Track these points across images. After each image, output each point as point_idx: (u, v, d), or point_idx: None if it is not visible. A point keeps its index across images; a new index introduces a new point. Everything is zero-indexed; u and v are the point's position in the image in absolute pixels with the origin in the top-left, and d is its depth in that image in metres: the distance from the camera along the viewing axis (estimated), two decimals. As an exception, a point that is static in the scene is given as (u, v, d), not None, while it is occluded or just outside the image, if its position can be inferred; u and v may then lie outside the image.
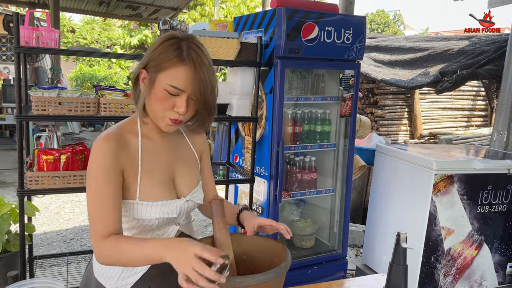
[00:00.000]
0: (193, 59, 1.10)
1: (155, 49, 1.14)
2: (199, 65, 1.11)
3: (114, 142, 1.15)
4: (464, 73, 4.14)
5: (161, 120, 1.16)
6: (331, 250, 3.01)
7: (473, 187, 2.63)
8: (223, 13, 13.50)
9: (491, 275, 2.81)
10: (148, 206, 1.19)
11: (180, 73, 1.10)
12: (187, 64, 1.10)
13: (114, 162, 1.13)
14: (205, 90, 1.12)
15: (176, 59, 1.10)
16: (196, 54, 1.11)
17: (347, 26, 2.63)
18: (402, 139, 7.04)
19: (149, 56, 1.15)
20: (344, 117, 2.85)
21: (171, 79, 1.10)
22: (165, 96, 1.12)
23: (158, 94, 1.12)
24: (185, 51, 1.11)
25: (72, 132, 10.13)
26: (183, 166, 1.30)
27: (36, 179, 2.25)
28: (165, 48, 1.12)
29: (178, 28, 2.41)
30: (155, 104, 1.14)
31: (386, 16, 25.10)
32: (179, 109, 1.13)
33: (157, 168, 1.23)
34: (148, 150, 1.22)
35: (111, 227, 1.11)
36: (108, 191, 1.11)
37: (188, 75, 1.10)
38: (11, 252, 2.65)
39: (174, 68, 1.10)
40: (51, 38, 2.31)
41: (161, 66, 1.11)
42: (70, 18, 15.58)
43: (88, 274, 1.33)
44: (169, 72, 1.11)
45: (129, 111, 2.36)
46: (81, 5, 8.21)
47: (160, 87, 1.12)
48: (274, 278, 1.10)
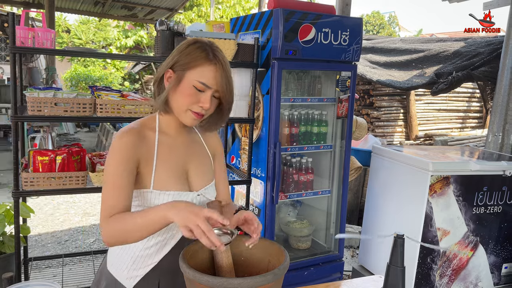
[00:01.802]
0: (219, 60, 1.23)
1: (182, 51, 1.24)
2: (224, 65, 1.23)
3: (132, 135, 1.23)
4: (459, 74, 4.16)
5: (184, 114, 1.25)
6: (328, 251, 3.02)
7: (469, 188, 2.64)
8: (219, 13, 13.50)
9: (487, 276, 2.82)
10: (161, 195, 1.25)
11: (207, 71, 1.21)
12: (214, 64, 1.22)
13: (131, 153, 1.21)
14: (230, 87, 1.25)
15: (204, 59, 1.22)
16: (221, 56, 1.24)
17: (344, 28, 2.63)
18: (398, 140, 7.07)
19: (176, 57, 1.25)
20: (340, 118, 2.86)
21: (200, 76, 1.21)
22: (192, 92, 1.22)
23: (186, 90, 1.22)
24: (211, 53, 1.23)
25: (66, 132, 10.08)
26: (197, 162, 1.36)
27: (31, 180, 2.23)
28: (192, 50, 1.23)
29: (175, 29, 2.40)
30: (181, 99, 1.23)
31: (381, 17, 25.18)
32: (204, 104, 1.22)
33: (172, 161, 1.30)
34: (164, 144, 1.30)
35: (119, 208, 1.17)
36: (121, 179, 1.18)
37: (215, 73, 1.22)
38: (6, 253, 2.63)
39: (202, 67, 1.21)
40: (47, 38, 2.29)
41: (190, 65, 1.22)
42: (65, 18, 15.51)
43: (102, 268, 1.38)
44: (197, 70, 1.21)
45: (126, 112, 2.35)
46: (77, 5, 8.17)
47: (188, 84, 1.22)
48: (273, 280, 1.09)
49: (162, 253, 1.30)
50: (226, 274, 1.23)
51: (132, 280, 1.29)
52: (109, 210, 1.16)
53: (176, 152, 1.32)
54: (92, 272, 3.04)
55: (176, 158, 1.31)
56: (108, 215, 1.16)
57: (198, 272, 1.07)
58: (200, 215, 1.05)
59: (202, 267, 1.22)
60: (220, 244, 1.04)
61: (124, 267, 1.29)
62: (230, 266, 1.24)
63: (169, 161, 1.29)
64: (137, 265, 1.28)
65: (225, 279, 1.07)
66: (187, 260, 1.14)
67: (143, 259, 1.29)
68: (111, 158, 1.20)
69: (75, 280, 3.07)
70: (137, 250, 1.28)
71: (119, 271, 1.30)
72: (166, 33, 2.38)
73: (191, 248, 1.22)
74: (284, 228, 3.03)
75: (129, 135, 1.23)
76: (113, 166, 1.19)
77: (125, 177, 1.19)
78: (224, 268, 1.23)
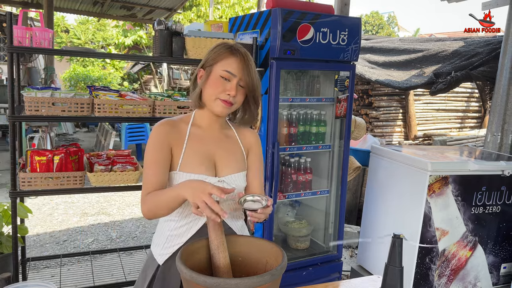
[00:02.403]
0: (241, 53, 1.40)
1: (210, 51, 1.44)
2: (247, 57, 1.41)
3: (167, 125, 1.43)
4: (458, 74, 4.15)
5: (214, 103, 1.40)
6: (326, 251, 3.01)
7: (468, 188, 2.63)
8: (218, 13, 13.49)
9: (485, 276, 2.82)
10: (185, 176, 1.39)
11: (231, 62, 1.39)
12: (238, 56, 1.39)
13: (164, 139, 1.40)
14: (252, 76, 1.40)
15: (228, 53, 1.40)
16: (243, 51, 1.41)
17: (343, 28, 2.63)
18: (397, 140, 7.07)
19: (205, 58, 1.44)
20: (339, 118, 2.85)
21: (225, 66, 1.38)
22: (220, 82, 1.38)
23: (214, 81, 1.39)
24: (234, 48, 1.41)
25: (65, 132, 10.06)
26: (226, 153, 1.48)
27: (29, 180, 2.23)
28: (218, 48, 1.42)
29: (173, 28, 2.40)
30: (210, 90, 1.40)
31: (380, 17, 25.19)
32: (230, 91, 1.38)
33: (200, 149, 1.44)
34: (195, 134, 1.46)
35: (152, 189, 1.36)
36: (155, 162, 1.38)
37: (239, 64, 1.39)
38: (4, 254, 2.62)
39: (227, 59, 1.39)
40: (45, 38, 2.29)
41: (216, 60, 1.40)
42: (65, 18, 15.49)
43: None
44: (223, 61, 1.39)
45: (124, 112, 2.35)
46: (75, 5, 8.16)
47: (215, 75, 1.39)
48: (270, 280, 1.09)
49: (189, 234, 1.42)
50: (224, 275, 1.23)
51: (163, 257, 1.44)
52: (147, 186, 1.37)
53: (206, 142, 1.46)
54: (91, 272, 3.04)
55: (205, 146, 1.45)
56: (147, 191, 1.36)
57: (195, 272, 1.07)
58: (206, 191, 1.17)
59: (199, 267, 1.22)
60: (223, 212, 1.16)
61: (160, 244, 1.46)
62: (227, 267, 1.24)
63: (197, 148, 1.43)
64: (168, 243, 1.43)
65: (222, 280, 1.06)
66: (185, 261, 1.14)
67: (173, 238, 1.43)
68: (149, 144, 1.41)
69: (73, 281, 3.06)
70: (169, 230, 1.44)
71: (156, 248, 1.47)
72: (164, 32, 2.37)
73: (189, 249, 1.21)
74: (283, 228, 3.03)
75: (162, 125, 1.43)
76: (149, 150, 1.40)
77: (159, 157, 1.38)
78: (222, 269, 1.23)
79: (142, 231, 4.38)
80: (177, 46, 2.40)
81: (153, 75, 13.45)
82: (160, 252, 1.45)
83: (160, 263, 1.44)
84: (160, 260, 1.44)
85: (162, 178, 1.38)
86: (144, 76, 14.17)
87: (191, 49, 2.44)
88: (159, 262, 1.44)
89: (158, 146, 1.39)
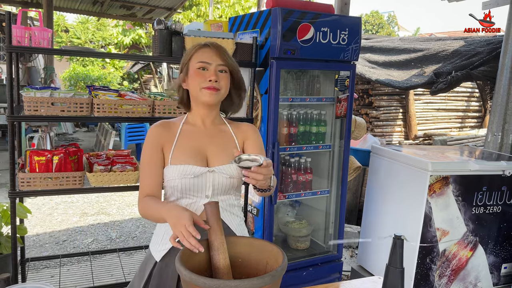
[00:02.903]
0: (212, 43, 1.46)
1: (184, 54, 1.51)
2: (218, 46, 1.46)
3: (159, 126, 1.49)
4: (458, 74, 4.15)
5: (200, 93, 1.44)
6: (327, 252, 3.01)
7: (468, 188, 2.63)
8: (218, 13, 13.47)
9: (486, 276, 2.81)
10: (174, 167, 1.43)
11: (203, 52, 1.45)
12: (208, 46, 1.45)
13: (156, 141, 1.46)
14: (227, 62, 1.45)
15: (199, 47, 1.46)
16: (214, 43, 1.47)
17: (343, 27, 2.62)
18: (397, 140, 7.06)
19: (181, 63, 1.50)
20: (339, 118, 2.85)
21: (198, 58, 1.44)
22: (198, 73, 1.43)
23: (193, 75, 1.44)
24: (204, 43, 1.47)
25: (65, 132, 10.06)
26: (217, 147, 1.50)
27: (28, 181, 2.22)
28: (189, 49, 1.50)
29: (173, 28, 2.39)
30: (192, 83, 1.45)
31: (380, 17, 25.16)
32: (210, 77, 1.42)
33: (191, 143, 1.48)
34: (186, 132, 1.51)
35: (148, 189, 1.43)
36: (149, 163, 1.44)
37: (210, 52, 1.44)
38: (3, 254, 2.61)
39: (198, 51, 1.45)
40: (44, 37, 2.28)
41: (189, 56, 1.47)
42: (65, 18, 15.47)
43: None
44: (195, 55, 1.45)
45: (123, 112, 2.34)
46: (75, 4, 8.15)
47: (192, 69, 1.44)
48: (270, 282, 1.08)
49: None
50: (223, 276, 1.22)
51: (160, 253, 1.46)
52: (143, 187, 1.44)
53: (197, 137, 1.50)
54: (90, 273, 3.03)
55: (196, 141, 1.49)
56: (141, 194, 1.43)
57: (195, 274, 1.06)
58: (182, 222, 1.19)
59: (199, 269, 1.21)
60: (199, 246, 1.16)
61: (157, 241, 1.49)
62: (227, 268, 1.23)
63: (188, 143, 1.48)
64: (165, 239, 1.46)
65: (222, 281, 1.05)
66: (184, 262, 1.13)
67: (168, 235, 1.42)
68: (143, 146, 1.48)
69: (73, 281, 3.05)
70: (163, 226, 1.47)
71: (154, 245, 1.50)
72: (163, 32, 2.36)
73: (188, 250, 1.21)
74: (283, 228, 3.02)
75: (156, 126, 1.49)
76: (143, 151, 1.47)
77: (152, 158, 1.44)
78: (221, 270, 1.22)
79: (142, 231, 4.37)
80: (177, 45, 2.39)
81: (153, 75, 13.44)
82: (157, 248, 1.47)
83: (157, 260, 1.46)
84: (158, 257, 1.46)
85: (155, 179, 1.44)
86: (144, 75, 14.15)
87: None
88: (157, 259, 1.46)
89: (150, 148, 1.45)
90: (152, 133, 1.47)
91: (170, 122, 1.53)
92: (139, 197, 1.44)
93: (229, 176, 1.45)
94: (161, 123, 1.51)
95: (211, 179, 1.44)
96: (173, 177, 1.42)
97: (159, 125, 1.50)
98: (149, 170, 1.44)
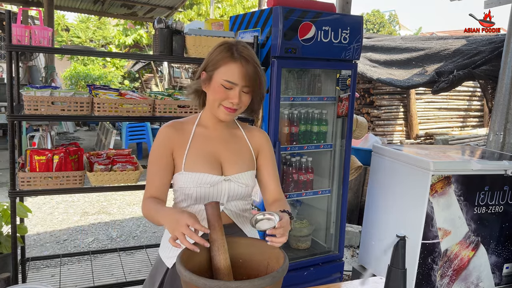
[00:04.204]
0: (243, 56, 1.34)
1: (211, 53, 1.39)
2: (247, 61, 1.34)
3: (170, 128, 1.43)
4: (460, 73, 4.13)
5: (217, 109, 1.38)
6: (328, 251, 3.00)
7: (470, 188, 2.61)
8: (219, 12, 13.46)
9: (488, 276, 2.80)
10: (189, 175, 1.38)
11: (232, 69, 1.33)
12: (238, 62, 1.33)
13: (165, 142, 1.41)
14: (254, 82, 1.35)
15: (229, 58, 1.34)
16: (245, 53, 1.35)
17: (344, 26, 2.61)
18: (398, 139, 7.04)
19: (207, 60, 1.39)
20: (340, 117, 2.83)
21: (226, 75, 1.34)
22: (221, 90, 1.35)
23: (216, 89, 1.36)
24: (235, 51, 1.35)
25: (66, 131, 10.06)
26: (233, 152, 1.46)
27: (28, 180, 2.21)
28: (219, 51, 1.37)
29: (173, 27, 2.38)
30: (212, 96, 1.38)
31: (381, 16, 25.12)
32: (232, 100, 1.35)
33: (205, 148, 1.43)
34: (200, 135, 1.45)
35: (153, 191, 1.39)
36: (157, 164, 1.40)
37: (240, 70, 1.33)
38: (3, 254, 2.60)
39: (228, 65, 1.34)
40: (44, 36, 2.27)
41: (217, 65, 1.35)
42: (65, 17, 15.47)
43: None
44: (223, 69, 1.34)
45: (123, 111, 2.33)
46: (76, 3, 8.14)
47: (217, 83, 1.35)
48: (271, 283, 1.07)
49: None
50: (224, 277, 1.21)
51: (171, 259, 1.41)
52: (149, 187, 1.40)
53: (211, 142, 1.45)
54: (91, 272, 3.02)
55: (210, 146, 1.44)
56: (148, 192, 1.40)
57: (195, 275, 1.05)
58: (181, 222, 1.15)
59: (199, 270, 1.20)
60: (204, 242, 1.14)
61: (168, 247, 1.44)
62: (228, 269, 1.22)
63: (202, 148, 1.43)
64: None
65: (222, 282, 1.04)
66: (185, 263, 1.12)
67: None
68: (153, 144, 1.43)
69: (73, 280, 3.05)
70: None
71: (164, 251, 1.46)
72: (164, 31, 2.35)
73: (188, 251, 1.20)
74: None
75: (167, 127, 1.43)
76: (153, 151, 1.42)
77: (160, 160, 1.39)
78: (222, 271, 1.21)
79: (142, 230, 4.37)
80: (178, 44, 2.38)
81: (154, 74, 13.44)
82: (168, 255, 1.43)
83: (169, 266, 1.42)
84: (169, 263, 1.42)
85: (162, 181, 1.41)
86: (144, 74, 14.15)
87: (191, 48, 2.42)
88: (168, 265, 1.42)
89: (159, 149, 1.41)
90: (162, 134, 1.42)
91: (183, 123, 1.47)
92: (144, 197, 1.41)
93: (245, 185, 1.44)
94: (173, 124, 1.45)
95: (226, 187, 1.41)
96: (187, 185, 1.39)
97: (171, 126, 1.44)
98: (157, 171, 1.40)
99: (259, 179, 1.54)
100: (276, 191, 1.52)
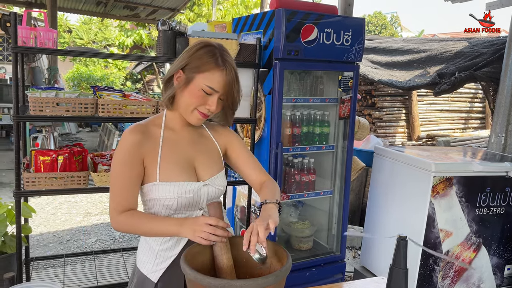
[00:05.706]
0: (227, 65, 1.30)
1: (192, 54, 1.31)
2: (231, 70, 1.30)
3: (137, 133, 1.31)
4: (462, 75, 4.14)
5: (190, 113, 1.33)
6: (329, 252, 3.01)
7: (472, 189, 2.62)
8: (220, 14, 13.48)
9: (489, 277, 2.81)
10: (167, 186, 1.31)
11: (216, 77, 1.28)
12: (223, 70, 1.29)
13: (135, 151, 1.29)
14: (234, 91, 1.32)
15: (214, 65, 1.28)
16: (229, 60, 1.31)
17: (346, 28, 2.62)
18: (400, 141, 7.04)
19: (186, 60, 1.31)
20: (342, 118, 2.85)
21: (209, 81, 1.28)
22: (201, 94, 1.29)
23: (194, 92, 1.29)
24: (220, 58, 1.29)
25: (69, 132, 10.09)
26: (203, 156, 1.42)
27: (33, 180, 2.23)
28: (202, 54, 1.29)
29: (177, 29, 2.40)
30: (189, 100, 1.31)
31: (383, 18, 25.10)
32: (211, 106, 1.31)
33: (177, 154, 1.36)
34: (169, 139, 1.37)
35: (125, 204, 1.30)
36: (125, 175, 1.28)
37: (223, 79, 1.29)
38: (7, 253, 2.62)
39: (212, 72, 1.28)
40: (49, 38, 2.29)
41: (200, 69, 1.28)
42: (67, 18, 15.52)
43: (134, 267, 1.47)
44: (207, 74, 1.28)
45: (127, 112, 2.35)
46: (79, 5, 8.18)
47: (196, 86, 1.29)
48: (274, 282, 1.09)
49: (181, 244, 1.36)
50: (227, 276, 1.22)
51: (157, 273, 1.36)
52: (115, 204, 1.29)
53: (181, 146, 1.38)
54: (94, 272, 3.04)
55: (182, 151, 1.37)
56: (115, 210, 1.29)
57: (200, 274, 1.07)
58: (200, 222, 1.21)
59: (203, 269, 1.22)
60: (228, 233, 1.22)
61: (149, 262, 1.38)
62: (231, 268, 1.24)
63: (174, 155, 1.35)
64: (159, 259, 1.36)
65: (226, 281, 1.06)
66: (188, 262, 1.14)
67: (164, 252, 1.36)
68: (117, 155, 1.30)
69: (76, 280, 3.07)
70: (157, 244, 1.36)
71: (146, 266, 1.38)
72: (168, 33, 2.37)
73: (192, 251, 1.21)
74: (286, 228, 3.02)
75: (133, 133, 1.31)
76: (119, 164, 1.29)
77: (129, 173, 1.29)
78: (225, 270, 1.22)
79: (145, 231, 4.38)
80: (181, 46, 2.40)
81: (156, 75, 13.47)
82: (152, 269, 1.37)
83: (154, 281, 1.36)
84: (154, 278, 1.36)
85: (134, 194, 1.31)
86: (147, 76, 14.19)
87: (194, 50, 2.43)
88: (153, 280, 1.36)
89: (128, 159, 1.29)
90: (129, 142, 1.29)
91: (148, 125, 1.36)
92: (115, 211, 1.29)
93: (221, 187, 1.42)
94: (139, 129, 1.32)
95: (205, 192, 1.37)
96: (166, 196, 1.31)
97: (137, 131, 1.31)
98: (128, 184, 1.29)
99: (240, 171, 1.52)
100: (259, 176, 1.50)
